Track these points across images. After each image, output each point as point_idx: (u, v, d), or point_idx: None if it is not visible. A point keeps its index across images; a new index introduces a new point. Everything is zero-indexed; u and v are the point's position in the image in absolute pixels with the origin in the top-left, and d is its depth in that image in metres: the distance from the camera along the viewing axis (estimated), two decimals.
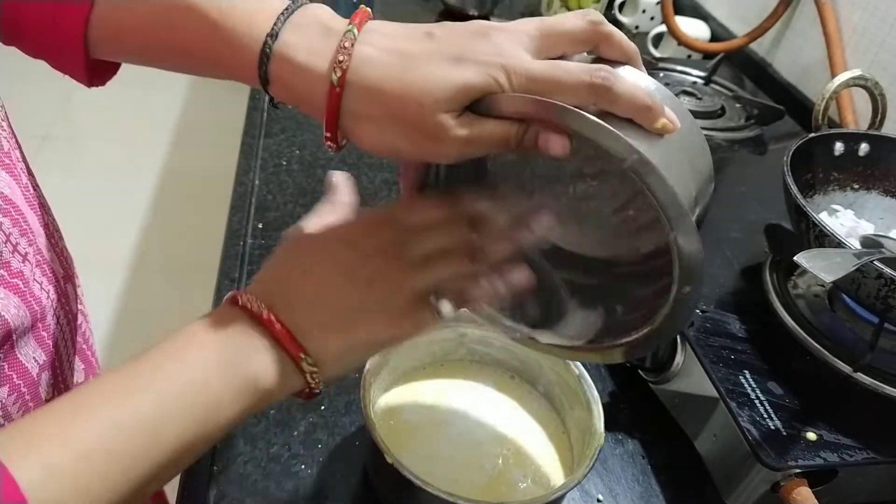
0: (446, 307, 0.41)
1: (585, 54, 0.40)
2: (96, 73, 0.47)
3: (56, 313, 0.47)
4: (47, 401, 0.47)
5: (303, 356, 0.38)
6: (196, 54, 0.42)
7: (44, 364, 0.46)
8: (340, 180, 0.46)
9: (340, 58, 0.37)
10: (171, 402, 0.35)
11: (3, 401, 0.42)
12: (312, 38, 0.38)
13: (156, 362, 0.36)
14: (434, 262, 0.41)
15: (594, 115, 0.36)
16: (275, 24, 0.38)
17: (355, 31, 0.37)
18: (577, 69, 0.36)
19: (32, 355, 0.44)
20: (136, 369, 0.36)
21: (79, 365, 0.55)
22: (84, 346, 0.57)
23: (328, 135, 0.39)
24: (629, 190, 0.43)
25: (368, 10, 0.40)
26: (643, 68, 0.40)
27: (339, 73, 0.37)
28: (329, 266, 0.41)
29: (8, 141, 0.45)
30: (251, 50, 0.39)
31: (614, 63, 0.39)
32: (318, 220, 0.43)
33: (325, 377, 0.39)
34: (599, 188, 0.46)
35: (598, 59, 0.40)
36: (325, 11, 0.40)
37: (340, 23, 0.39)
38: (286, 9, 0.39)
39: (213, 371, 0.36)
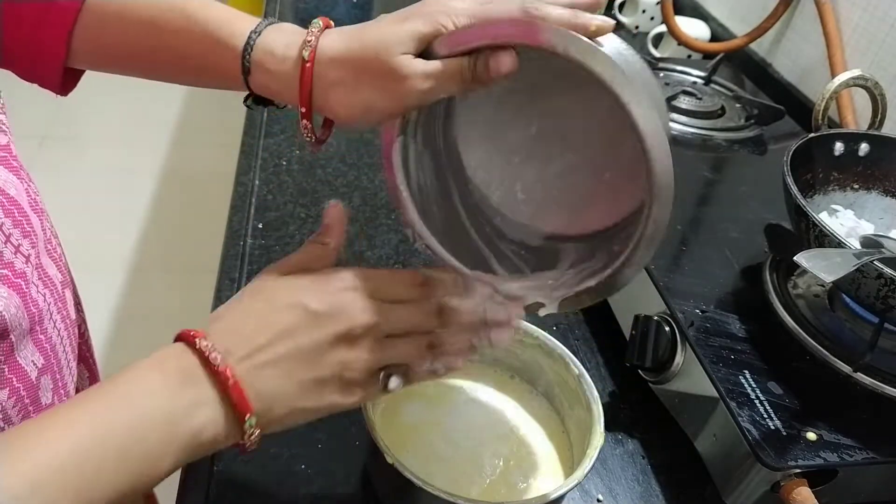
0: (395, 383, 0.42)
1: None
2: (67, 81, 0.52)
3: (53, 318, 0.47)
4: (47, 406, 0.47)
5: (248, 416, 0.38)
6: (182, 52, 0.48)
7: (43, 368, 0.46)
8: (335, 218, 0.46)
9: (309, 38, 0.44)
10: (110, 449, 0.35)
11: (3, 403, 0.42)
12: (288, 35, 0.46)
13: (104, 405, 0.37)
14: (395, 343, 0.42)
15: None
16: (257, 25, 0.46)
17: (320, 23, 0.45)
18: (508, 4, 0.41)
19: (31, 359, 0.44)
20: (84, 408, 0.36)
21: (83, 372, 0.55)
22: (87, 354, 0.57)
23: (303, 110, 0.45)
24: (602, 99, 0.42)
25: (331, 21, 0.47)
26: None
27: (308, 50, 0.43)
28: (292, 331, 0.40)
29: (12, 144, 0.46)
30: (236, 43, 0.46)
31: None
32: (298, 262, 0.43)
33: (263, 435, 0.40)
34: (569, 105, 0.48)
35: None
36: (296, 26, 0.47)
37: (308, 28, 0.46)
38: (263, 19, 0.47)
39: (157, 423, 0.37)
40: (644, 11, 1.38)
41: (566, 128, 0.49)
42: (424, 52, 0.42)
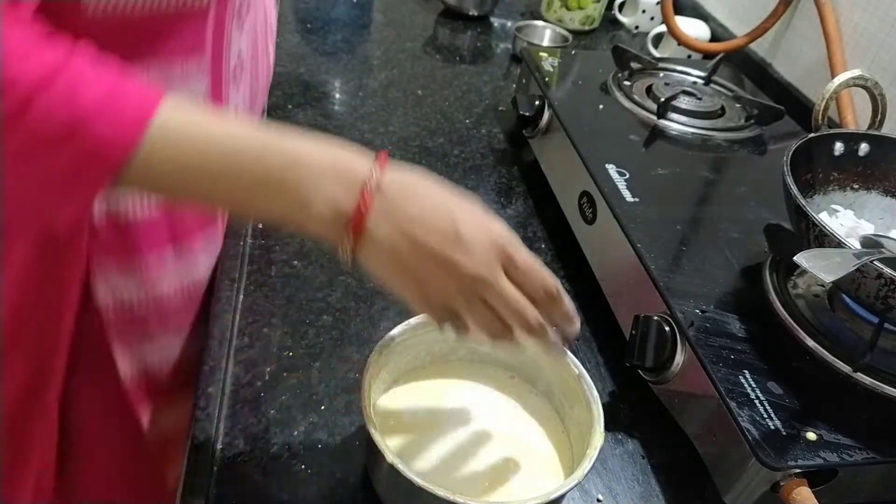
0: (449, 332, 0.47)
1: None
2: None
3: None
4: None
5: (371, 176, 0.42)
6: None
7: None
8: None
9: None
10: (246, 163, 0.40)
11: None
12: None
13: (263, 138, 0.41)
14: (479, 308, 0.45)
15: None
16: None
17: None
18: None
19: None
20: (251, 131, 0.41)
21: None
22: None
23: None
24: None
25: None
26: None
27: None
28: (432, 234, 0.43)
29: None
30: None
31: None
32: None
33: (360, 250, 0.42)
34: None
35: None
36: None
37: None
38: None
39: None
40: (644, 11, 1.38)
41: None
42: None
